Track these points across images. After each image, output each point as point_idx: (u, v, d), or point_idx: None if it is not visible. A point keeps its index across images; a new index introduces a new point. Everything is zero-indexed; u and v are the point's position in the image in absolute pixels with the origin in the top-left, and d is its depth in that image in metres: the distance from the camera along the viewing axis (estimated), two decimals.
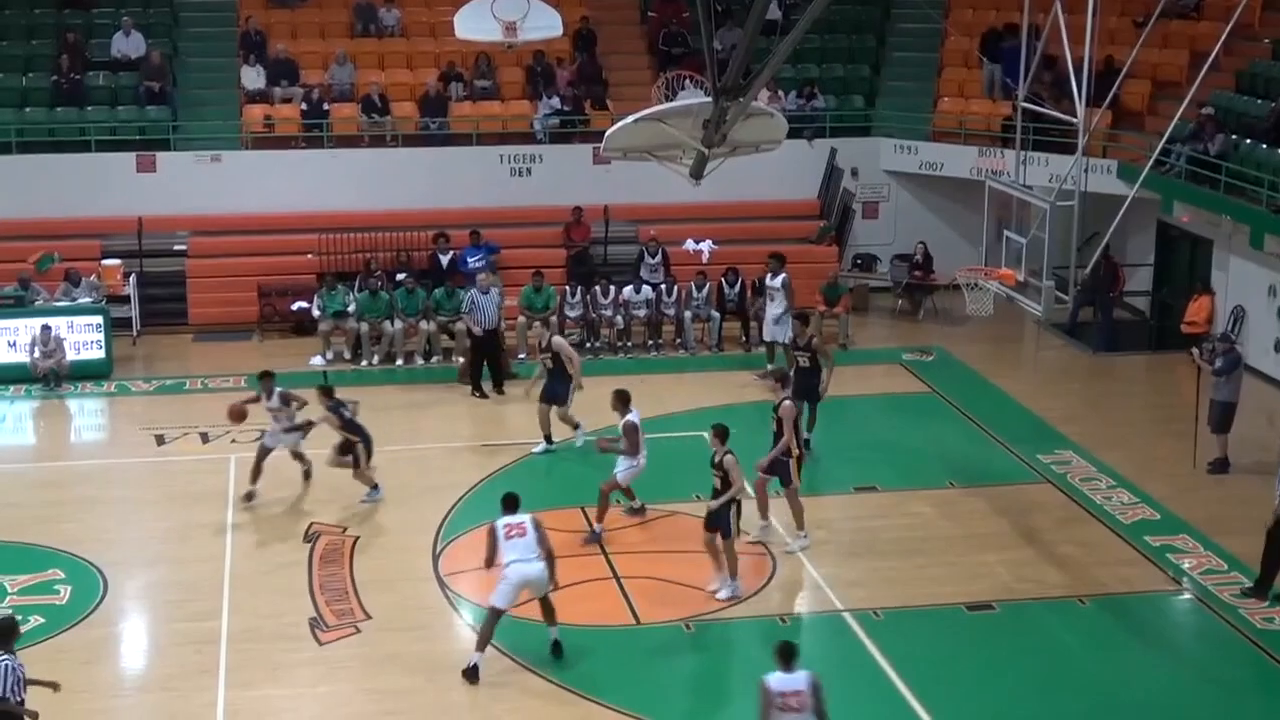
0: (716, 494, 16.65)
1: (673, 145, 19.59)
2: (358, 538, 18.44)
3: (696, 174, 19.68)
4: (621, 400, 18.65)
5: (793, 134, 22.49)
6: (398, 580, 17.32)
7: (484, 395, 23.88)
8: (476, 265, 26.56)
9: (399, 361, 25.55)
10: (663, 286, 26.77)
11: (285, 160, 28.85)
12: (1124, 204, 23.94)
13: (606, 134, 20.18)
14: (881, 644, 15.90)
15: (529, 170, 29.15)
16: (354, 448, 19.33)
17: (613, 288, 26.46)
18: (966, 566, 17.83)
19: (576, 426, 21.33)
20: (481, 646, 15.13)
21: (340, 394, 19.96)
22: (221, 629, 16.17)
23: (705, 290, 26.67)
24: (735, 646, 15.98)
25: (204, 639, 15.90)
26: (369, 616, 16.42)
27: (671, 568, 17.48)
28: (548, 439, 21.27)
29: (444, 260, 27.07)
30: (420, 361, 25.62)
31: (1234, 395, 20.80)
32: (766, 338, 24.61)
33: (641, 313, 26.53)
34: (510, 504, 15.45)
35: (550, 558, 15.11)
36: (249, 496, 19.40)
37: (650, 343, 26.51)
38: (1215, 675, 15.51)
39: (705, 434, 17.46)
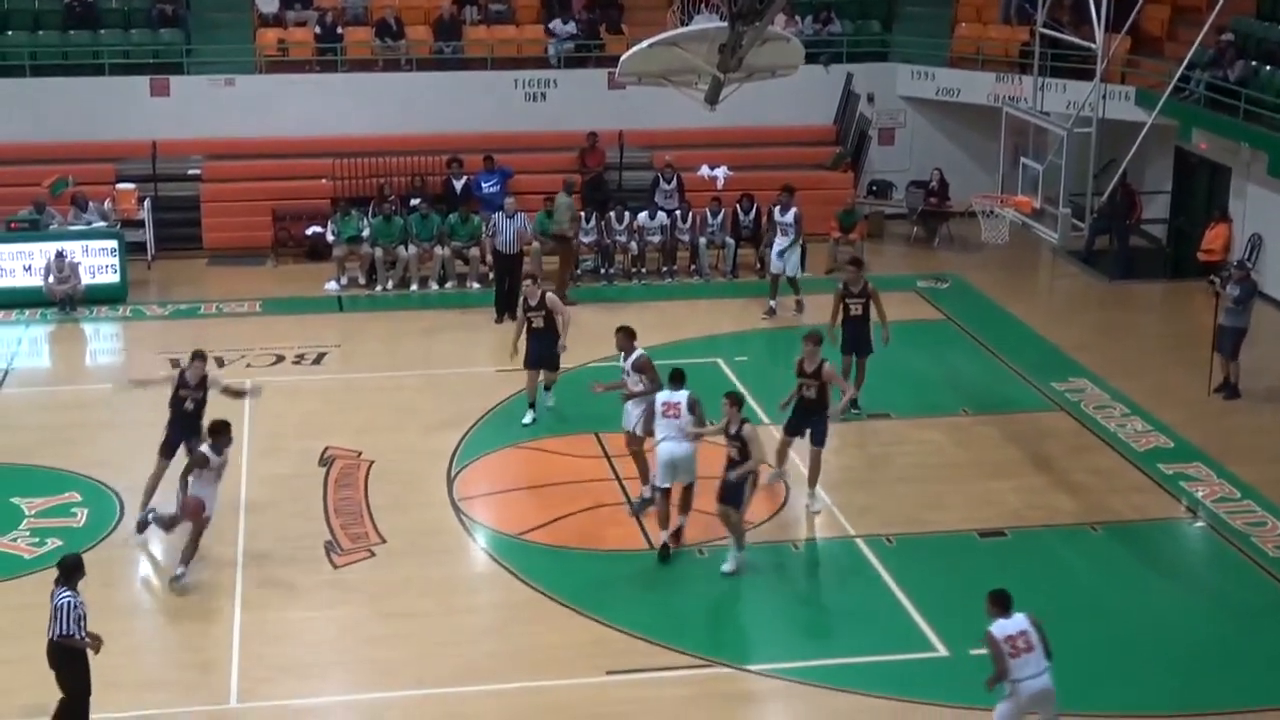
0: (732, 464, 15.75)
1: (688, 70, 19.49)
2: (373, 462, 18.51)
3: (712, 99, 19.57)
4: (628, 336, 17.57)
5: (809, 59, 22.32)
6: (412, 504, 17.41)
7: (512, 319, 23.81)
8: (490, 190, 26.49)
9: (413, 287, 25.55)
10: (677, 213, 26.70)
11: (299, 84, 28.75)
12: (1142, 131, 23.75)
13: (621, 59, 20.06)
14: (893, 570, 15.98)
15: (543, 95, 29.02)
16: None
17: (627, 214, 26.39)
18: (978, 493, 17.87)
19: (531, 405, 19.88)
20: (663, 525, 16.08)
21: (355, 319, 19.91)
22: (237, 552, 16.27)
23: (720, 216, 26.60)
24: (749, 572, 16.04)
25: (220, 562, 16.00)
26: (383, 540, 16.51)
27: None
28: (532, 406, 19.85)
29: (458, 185, 27.00)
30: (435, 287, 25.61)
31: (1245, 321, 20.73)
32: (774, 270, 24.34)
33: (656, 239, 26.47)
34: (676, 379, 16.39)
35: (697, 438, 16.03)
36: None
37: (664, 269, 26.46)
38: (1227, 602, 15.56)
39: (719, 361, 17.45)
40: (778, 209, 24.23)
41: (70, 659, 12.32)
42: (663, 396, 16.32)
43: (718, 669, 14.17)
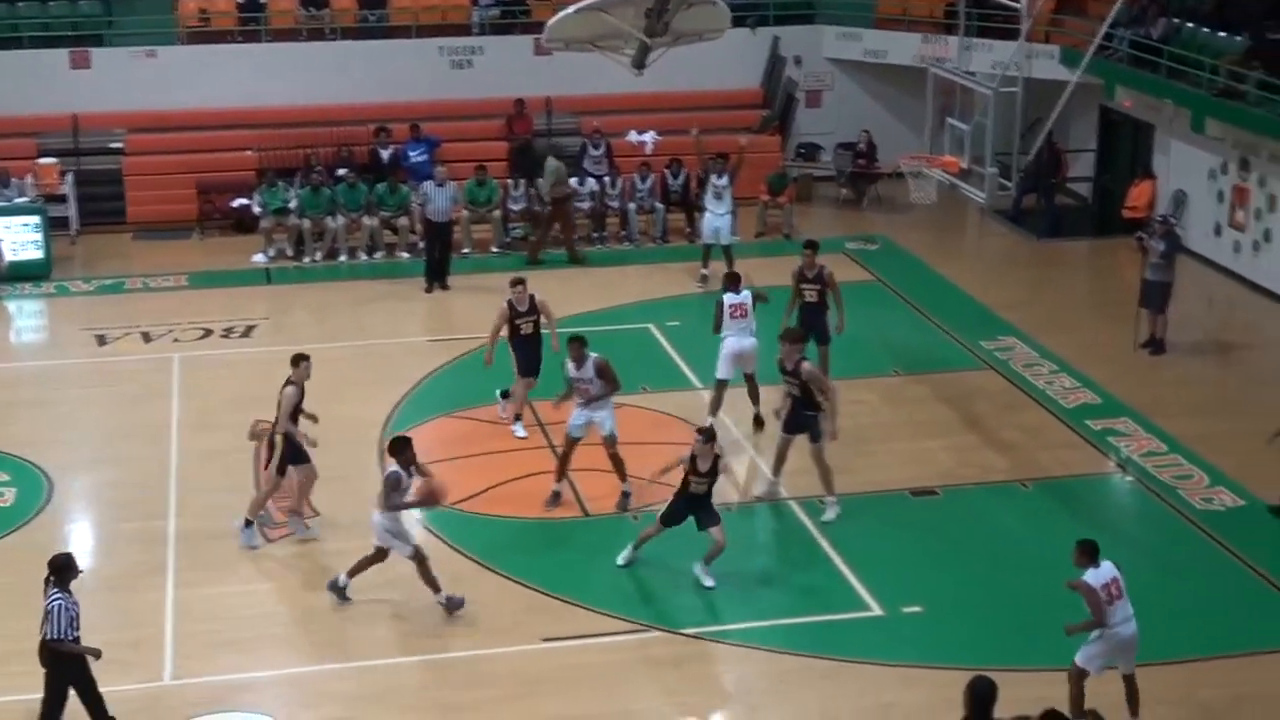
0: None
1: (615, 35, 19.44)
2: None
3: (639, 64, 19.54)
4: (581, 345, 16.58)
5: (735, 23, 22.31)
6: (346, 476, 17.32)
7: (441, 288, 23.73)
8: (418, 159, 26.35)
9: (342, 258, 25.40)
10: (606, 179, 26.67)
11: (222, 55, 28.44)
12: (1067, 90, 23.97)
13: (548, 24, 19.99)
14: (825, 530, 16.07)
15: (469, 62, 28.85)
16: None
17: None
18: (910, 453, 17.99)
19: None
20: (713, 411, 17.46)
21: (284, 291, 19.78)
22: (168, 528, 16.16)
23: (649, 182, 26.57)
24: (682, 536, 16.08)
25: (151, 538, 15.90)
26: (317, 513, 16.43)
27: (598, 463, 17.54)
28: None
29: (384, 155, 26.83)
30: (364, 257, 25.47)
31: (1170, 276, 20.93)
32: (708, 239, 23.93)
33: (585, 205, 26.44)
34: (733, 282, 18.09)
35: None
36: None
37: (594, 235, 26.44)
38: (1156, 554, 15.75)
39: (651, 326, 17.40)
40: (714, 175, 24.03)
41: (63, 661, 12.15)
42: (730, 299, 18.01)
43: (654, 633, 14.22)
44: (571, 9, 19.43)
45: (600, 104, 28.17)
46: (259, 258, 25.31)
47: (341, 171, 26.23)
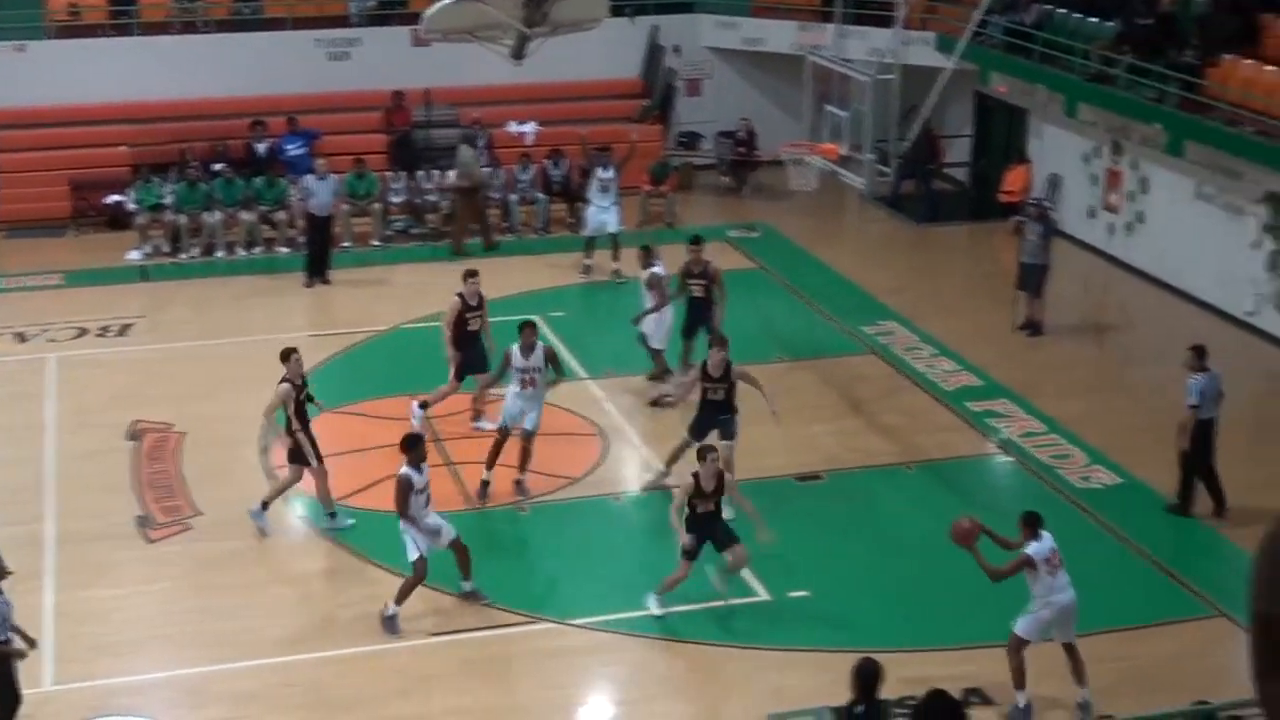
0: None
1: (493, 25, 19.38)
2: (185, 433, 18.17)
3: (518, 54, 19.50)
4: (535, 330, 16.70)
5: (613, 12, 22.33)
6: (228, 475, 17.14)
7: (322, 283, 23.50)
8: (295, 153, 26.08)
9: (220, 253, 25.07)
10: (487, 170, 26.56)
11: (93, 49, 27.93)
12: (942, 76, 24.24)
13: (425, 15, 19.90)
14: None
15: (346, 54, 28.60)
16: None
17: (436, 172, 26.17)
18: (795, 438, 18.11)
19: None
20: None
21: (161, 288, 19.49)
22: (46, 531, 15.88)
23: (530, 172, 26.51)
24: (571, 526, 16.09)
25: (28, 542, 15.59)
26: (199, 512, 16.24)
27: (503, 452, 17.47)
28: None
29: (261, 149, 26.52)
30: (242, 252, 25.16)
31: (1047, 259, 21.25)
32: (593, 231, 23.89)
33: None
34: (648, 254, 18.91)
35: None
36: None
37: (475, 227, 26.29)
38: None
39: (536, 317, 17.32)
40: (600, 167, 24.02)
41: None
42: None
43: (543, 625, 14.21)
44: None
45: (480, 95, 28.05)
46: (134, 255, 24.91)
47: (218, 166, 25.90)
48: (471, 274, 18.02)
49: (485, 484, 16.54)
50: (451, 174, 25.84)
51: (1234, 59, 21.94)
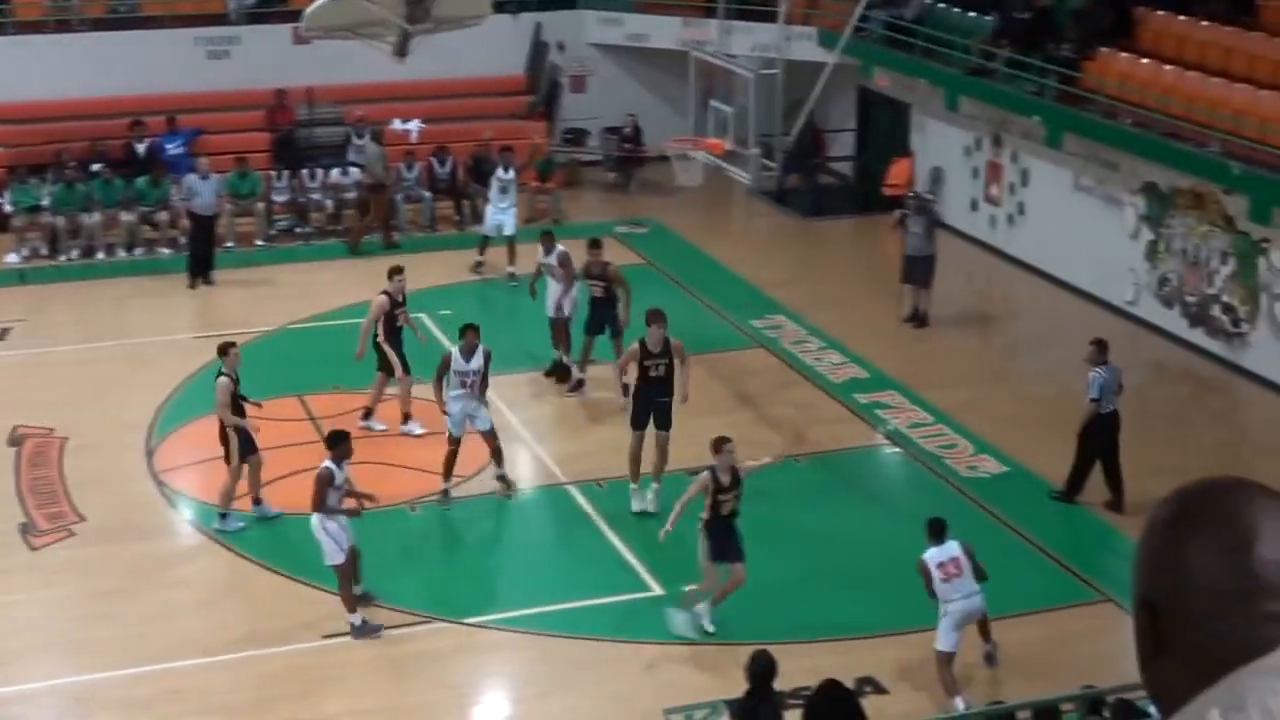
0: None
1: (375, 22, 19.25)
2: (67, 438, 17.87)
3: (400, 52, 19.38)
4: (477, 333, 16.36)
5: (496, 9, 22.26)
6: (111, 479, 16.89)
7: (205, 284, 23.21)
8: (175, 152, 25.73)
9: (100, 255, 24.67)
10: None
11: None
12: (825, 71, 24.42)
13: (306, 13, 19.72)
14: (605, 513, 16.15)
15: (226, 53, 28.23)
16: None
17: (320, 170, 25.95)
18: (686, 433, 18.09)
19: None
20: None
21: (40, 291, 19.16)
22: None
23: (415, 170, 26.35)
24: (461, 525, 16.04)
25: None
26: (83, 518, 15.97)
27: (392, 451, 17.40)
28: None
29: (140, 149, 26.12)
30: (122, 254, 24.77)
31: (932, 249, 21.47)
32: (490, 232, 23.73)
33: (351, 195, 26.10)
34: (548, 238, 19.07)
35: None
36: None
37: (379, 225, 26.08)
38: (923, 519, 16.10)
39: (423, 316, 17.21)
40: (501, 168, 23.85)
41: None
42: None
43: (436, 624, 14.15)
44: None
45: (363, 93, 27.81)
46: (11, 257, 24.43)
47: (96, 167, 25.48)
48: (398, 270, 18.07)
49: (446, 493, 16.21)
50: (354, 171, 25.64)
51: (1110, 52, 22.31)
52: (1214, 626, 2.10)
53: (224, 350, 15.76)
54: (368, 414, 18.06)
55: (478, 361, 16.05)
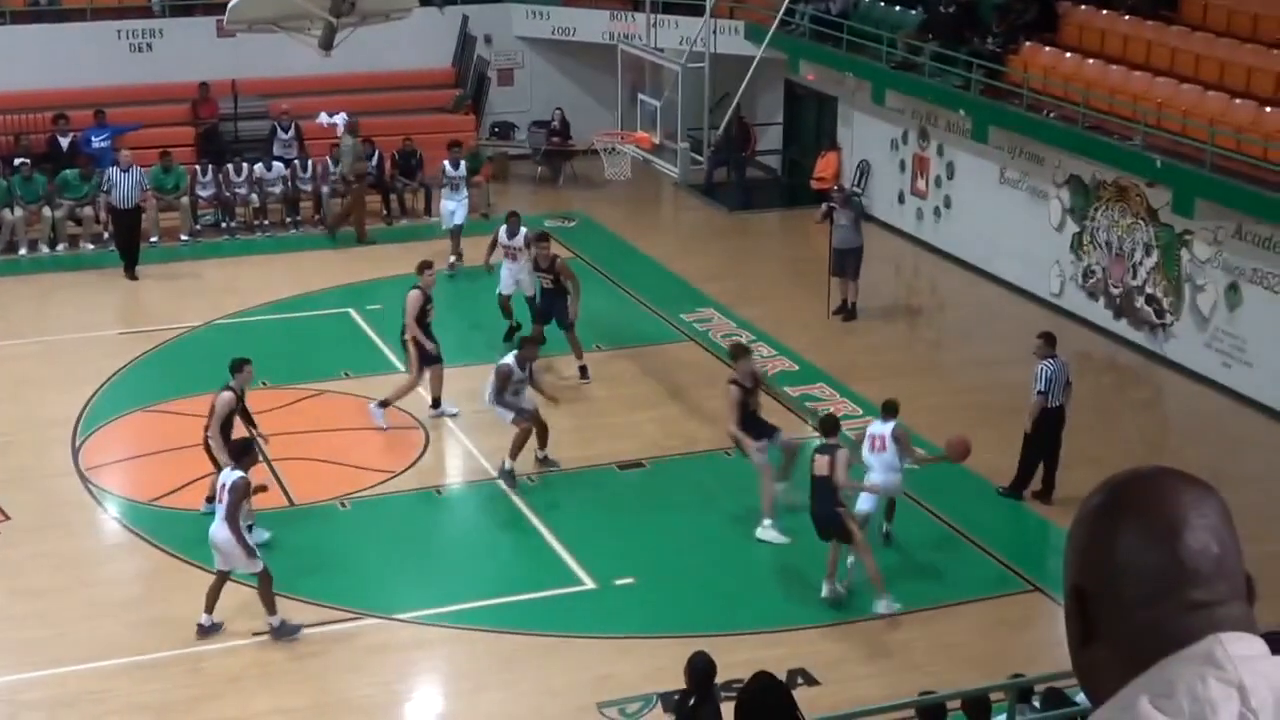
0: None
1: (300, 15, 19.12)
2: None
3: (326, 45, 19.26)
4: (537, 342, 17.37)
5: (423, 1, 22.15)
6: (36, 478, 16.69)
7: (130, 278, 23.02)
8: (100, 144, 25.46)
9: (22, 251, 24.35)
10: (297, 162, 26.18)
11: None
12: (752, 64, 24.42)
13: (230, 5, 19.55)
14: (536, 507, 16.13)
15: (149, 45, 27.94)
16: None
17: (245, 165, 25.76)
18: (617, 426, 18.18)
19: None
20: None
21: None
22: None
23: (341, 164, 26.16)
24: (392, 520, 15.97)
25: None
26: (8, 517, 15.79)
27: (322, 447, 17.31)
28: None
29: (64, 143, 25.81)
30: (45, 250, 24.46)
31: (858, 241, 21.54)
32: (446, 226, 23.75)
33: (277, 189, 25.91)
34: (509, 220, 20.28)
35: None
36: None
37: (288, 220, 25.93)
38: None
39: (351, 311, 17.11)
40: (448, 164, 23.85)
41: None
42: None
43: (367, 620, 14.08)
44: None
45: (288, 86, 27.59)
46: None
47: (18, 161, 25.15)
48: (427, 265, 18.32)
49: (511, 472, 16.48)
50: (278, 166, 25.50)
51: (1035, 46, 22.50)
52: (1142, 614, 2.12)
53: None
54: (436, 403, 18.09)
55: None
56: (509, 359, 16.54)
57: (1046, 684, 10.88)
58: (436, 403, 18.17)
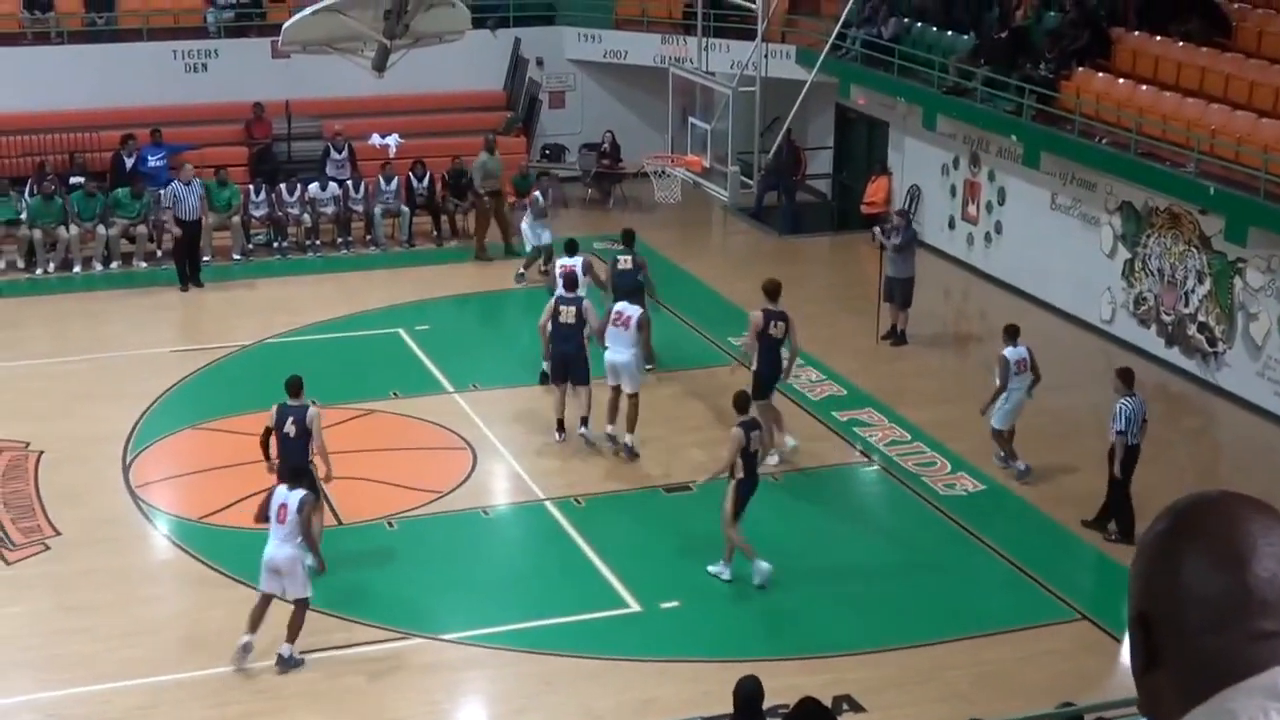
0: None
1: (354, 37, 19.21)
2: (42, 452, 17.78)
3: (379, 66, 19.34)
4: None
5: (476, 24, 22.26)
6: (87, 494, 16.81)
7: (196, 286, 23.32)
8: (157, 164, 25.68)
9: (76, 268, 24.56)
10: (349, 182, 26.32)
11: None
12: (803, 88, 24.46)
13: (284, 27, 19.66)
14: (583, 530, 16.12)
15: (205, 66, 28.18)
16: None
17: (298, 185, 25.91)
18: (663, 449, 18.15)
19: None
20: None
21: (15, 304, 19.08)
22: None
23: (394, 185, 26.31)
24: (439, 541, 15.99)
25: None
26: (58, 532, 15.89)
27: (370, 466, 17.35)
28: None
29: (129, 162, 25.97)
30: (99, 268, 24.67)
31: (911, 269, 21.51)
32: (535, 244, 23.94)
33: (329, 210, 26.04)
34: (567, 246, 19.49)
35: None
36: None
37: (340, 240, 26.06)
38: (903, 540, 16.20)
39: (400, 331, 17.17)
40: (539, 194, 24.17)
41: None
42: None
43: (413, 640, 14.10)
44: (308, 11, 19.15)
45: (341, 107, 27.80)
46: None
47: (76, 179, 25.36)
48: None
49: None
50: (333, 186, 25.69)
51: (1087, 72, 22.41)
52: (1206, 642, 2.09)
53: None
54: (584, 422, 18.05)
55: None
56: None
57: (1097, 714, 10.79)
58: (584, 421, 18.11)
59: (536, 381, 19.44)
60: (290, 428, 14.79)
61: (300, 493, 13.43)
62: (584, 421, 17.99)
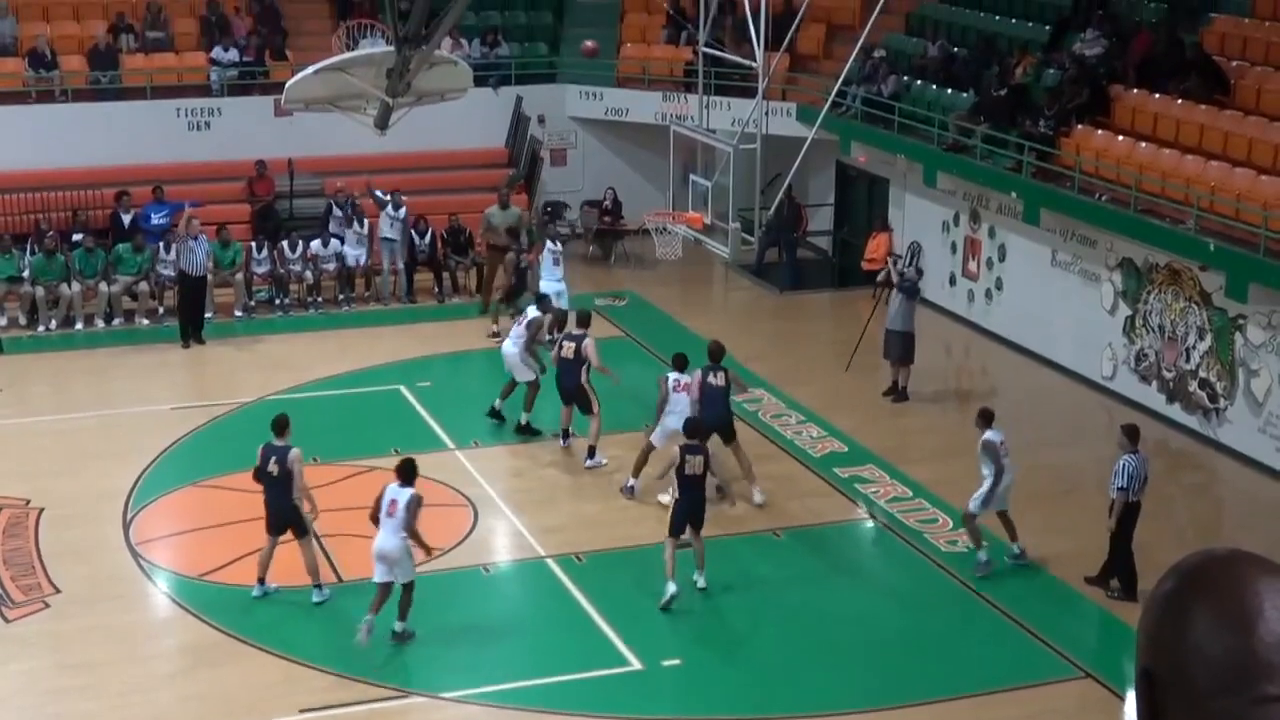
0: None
1: (356, 95, 19.29)
2: (43, 509, 17.76)
3: (382, 124, 19.42)
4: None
5: (478, 82, 22.38)
6: (87, 551, 16.77)
7: (198, 343, 23.39)
8: (160, 221, 25.76)
9: (78, 325, 24.60)
10: (357, 223, 26.32)
11: None
12: (804, 146, 24.55)
13: (287, 85, 19.75)
14: (584, 587, 16.07)
15: (207, 124, 28.32)
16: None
17: (300, 242, 25.97)
18: (663, 507, 18.08)
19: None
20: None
21: (17, 361, 19.08)
22: None
23: (401, 212, 26.27)
24: (438, 599, 15.92)
25: None
26: (58, 590, 15.84)
27: (371, 524, 17.26)
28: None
29: (126, 219, 26.07)
30: (101, 325, 24.71)
31: (910, 325, 21.50)
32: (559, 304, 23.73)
33: (331, 266, 26.10)
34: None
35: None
36: None
37: (342, 296, 26.11)
38: (904, 597, 16.14)
39: (401, 388, 17.21)
40: (550, 241, 24.24)
41: None
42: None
43: (414, 699, 14.04)
44: (311, 69, 19.23)
45: (344, 164, 27.86)
46: None
47: (77, 237, 25.44)
48: (589, 318, 19.89)
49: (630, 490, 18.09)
50: (334, 243, 25.73)
51: (1086, 129, 22.50)
52: (1212, 705, 2.08)
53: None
54: (592, 452, 18.91)
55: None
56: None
57: None
58: (592, 452, 19.02)
59: (542, 438, 19.47)
60: (274, 467, 15.25)
61: (409, 491, 14.45)
62: (591, 452, 18.82)
